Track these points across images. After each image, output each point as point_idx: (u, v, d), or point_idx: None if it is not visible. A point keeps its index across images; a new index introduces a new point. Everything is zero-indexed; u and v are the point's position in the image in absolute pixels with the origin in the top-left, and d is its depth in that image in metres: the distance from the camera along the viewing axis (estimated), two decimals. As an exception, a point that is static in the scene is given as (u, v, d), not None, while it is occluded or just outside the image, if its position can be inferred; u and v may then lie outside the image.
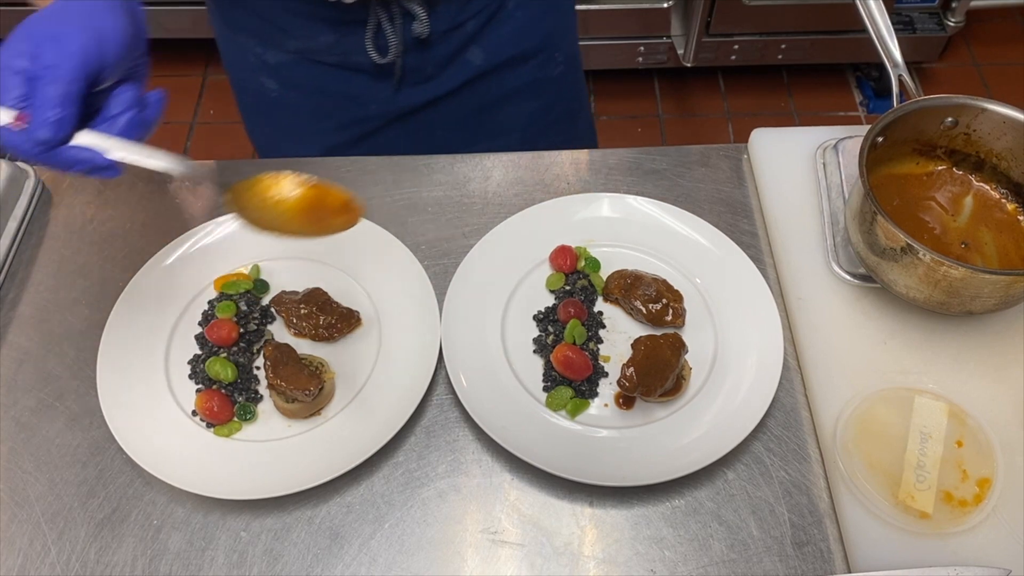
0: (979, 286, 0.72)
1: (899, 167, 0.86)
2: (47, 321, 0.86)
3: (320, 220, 0.67)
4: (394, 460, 0.77)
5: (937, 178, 0.86)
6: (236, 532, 0.74)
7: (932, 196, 0.86)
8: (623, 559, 0.72)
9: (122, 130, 0.63)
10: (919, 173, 0.87)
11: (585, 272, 0.88)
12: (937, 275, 0.73)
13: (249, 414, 0.79)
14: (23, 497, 0.75)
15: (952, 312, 0.77)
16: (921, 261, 0.73)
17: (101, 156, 0.62)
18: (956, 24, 2.32)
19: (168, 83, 2.56)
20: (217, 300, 0.86)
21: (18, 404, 0.81)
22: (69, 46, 0.61)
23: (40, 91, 0.59)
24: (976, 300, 0.74)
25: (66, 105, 0.60)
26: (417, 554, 0.72)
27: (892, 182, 0.86)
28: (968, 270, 0.71)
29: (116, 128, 0.63)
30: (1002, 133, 0.81)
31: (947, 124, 0.83)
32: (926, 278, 0.74)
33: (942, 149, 0.86)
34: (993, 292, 0.73)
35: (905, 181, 0.86)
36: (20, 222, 0.92)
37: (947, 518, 0.71)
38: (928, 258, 0.72)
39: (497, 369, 0.81)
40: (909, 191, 0.86)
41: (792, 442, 0.78)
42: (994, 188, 0.85)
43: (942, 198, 0.85)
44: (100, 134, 0.62)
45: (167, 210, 0.95)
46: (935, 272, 0.73)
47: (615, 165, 0.99)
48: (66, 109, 0.60)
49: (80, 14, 0.63)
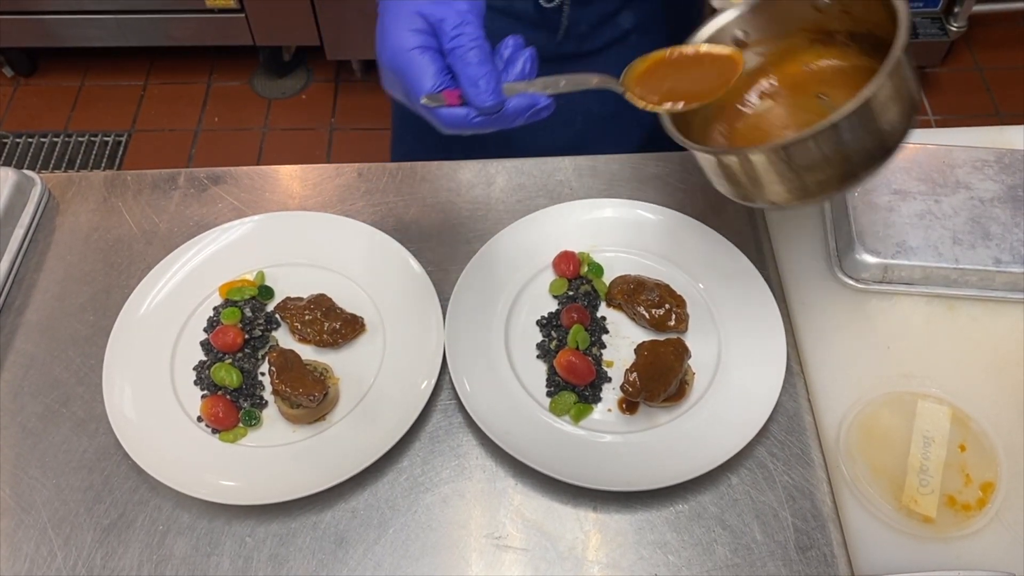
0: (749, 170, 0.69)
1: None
2: (53, 327, 0.87)
3: (710, 79, 0.68)
4: (398, 465, 0.78)
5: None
6: (241, 537, 0.74)
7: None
8: (627, 564, 0.72)
9: (529, 71, 0.62)
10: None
11: (588, 277, 0.89)
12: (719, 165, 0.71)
13: (254, 420, 0.79)
14: (29, 503, 0.76)
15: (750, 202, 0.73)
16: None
17: (540, 97, 0.61)
18: (959, 29, 2.32)
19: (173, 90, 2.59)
20: (222, 306, 0.87)
21: (24, 410, 0.81)
22: (458, 4, 0.60)
23: (461, 62, 0.58)
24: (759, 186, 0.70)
25: (491, 67, 0.59)
26: (421, 559, 0.73)
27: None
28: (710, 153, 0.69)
29: (524, 71, 0.62)
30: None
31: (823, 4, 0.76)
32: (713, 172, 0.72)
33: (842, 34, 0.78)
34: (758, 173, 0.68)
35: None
36: (27, 229, 0.93)
37: (950, 522, 0.71)
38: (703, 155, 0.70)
39: (501, 374, 0.81)
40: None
41: (795, 446, 0.78)
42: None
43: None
44: (517, 80, 0.61)
45: (172, 217, 0.96)
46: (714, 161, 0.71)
47: (617, 171, 1.00)
48: (493, 71, 0.59)
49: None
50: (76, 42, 2.43)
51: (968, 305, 0.85)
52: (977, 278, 0.84)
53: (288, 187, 0.99)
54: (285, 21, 2.36)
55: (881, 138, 0.66)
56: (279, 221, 0.93)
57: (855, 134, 0.65)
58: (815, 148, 0.65)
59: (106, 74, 2.62)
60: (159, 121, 2.50)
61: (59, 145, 2.44)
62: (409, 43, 0.59)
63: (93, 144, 2.44)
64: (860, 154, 0.67)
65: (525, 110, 0.61)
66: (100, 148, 2.44)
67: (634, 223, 0.92)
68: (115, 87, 2.59)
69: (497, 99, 0.59)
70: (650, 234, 0.91)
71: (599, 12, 0.99)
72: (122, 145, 2.44)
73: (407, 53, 0.59)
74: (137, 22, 2.36)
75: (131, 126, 2.49)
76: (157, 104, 2.55)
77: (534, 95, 0.61)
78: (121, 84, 2.60)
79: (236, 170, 1.01)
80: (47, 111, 2.53)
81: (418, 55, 0.59)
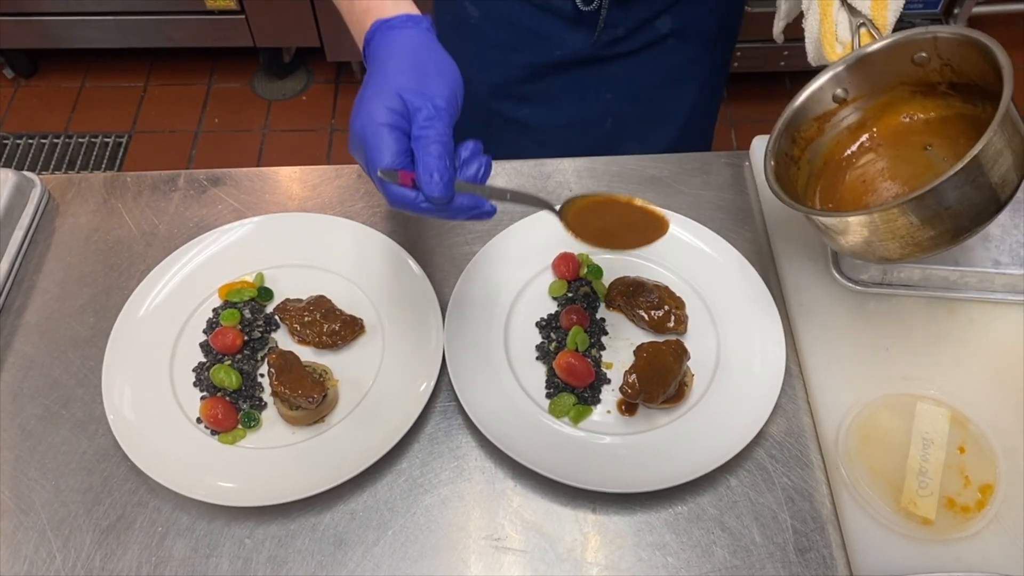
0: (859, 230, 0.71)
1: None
2: (53, 329, 0.87)
3: (637, 233, 0.73)
4: (398, 467, 0.78)
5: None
6: (240, 539, 0.74)
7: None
8: (626, 565, 0.72)
9: (482, 176, 0.65)
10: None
11: (587, 279, 0.89)
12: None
13: (253, 421, 0.79)
14: (29, 504, 0.76)
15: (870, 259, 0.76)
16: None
17: (485, 202, 0.65)
18: (958, 30, 2.32)
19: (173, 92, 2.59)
20: (222, 308, 0.87)
21: (24, 412, 0.81)
22: (437, 100, 0.63)
23: (423, 152, 0.61)
24: (877, 245, 0.72)
25: (449, 163, 0.62)
26: (420, 561, 0.73)
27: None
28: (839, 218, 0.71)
29: (477, 175, 0.65)
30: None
31: (920, 59, 0.78)
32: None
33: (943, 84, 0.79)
34: (879, 234, 0.71)
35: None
36: (26, 231, 0.93)
37: (949, 524, 0.71)
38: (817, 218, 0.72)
39: (500, 376, 0.81)
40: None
41: (794, 448, 0.78)
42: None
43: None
44: (468, 182, 0.64)
45: (172, 219, 0.96)
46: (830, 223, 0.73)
47: (617, 172, 1.00)
48: (450, 168, 0.62)
49: (430, 62, 0.66)
50: (76, 43, 2.43)
51: (967, 307, 0.85)
52: (976, 280, 0.84)
53: (288, 188, 0.99)
54: (285, 22, 2.36)
55: (992, 191, 0.68)
56: (279, 223, 0.93)
57: (968, 189, 0.67)
58: (933, 204, 0.67)
59: (106, 75, 2.62)
60: (159, 122, 2.50)
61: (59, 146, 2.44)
62: (382, 118, 0.63)
63: (93, 145, 2.45)
64: (973, 208, 0.69)
65: (469, 209, 0.64)
66: (100, 149, 2.44)
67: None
68: (115, 88, 2.59)
69: (446, 193, 0.61)
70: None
71: (638, 16, 1.00)
72: (122, 146, 2.44)
73: (377, 126, 0.63)
74: (137, 23, 2.36)
75: (131, 127, 2.49)
76: (157, 105, 2.55)
77: (480, 199, 0.64)
78: (121, 85, 2.60)
79: (236, 171, 1.01)
80: (47, 112, 2.53)
81: (387, 132, 0.62)
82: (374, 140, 0.62)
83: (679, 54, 1.07)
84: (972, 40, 0.72)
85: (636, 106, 1.11)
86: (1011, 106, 0.66)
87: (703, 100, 1.15)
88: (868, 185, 0.82)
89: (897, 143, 0.83)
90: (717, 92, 1.19)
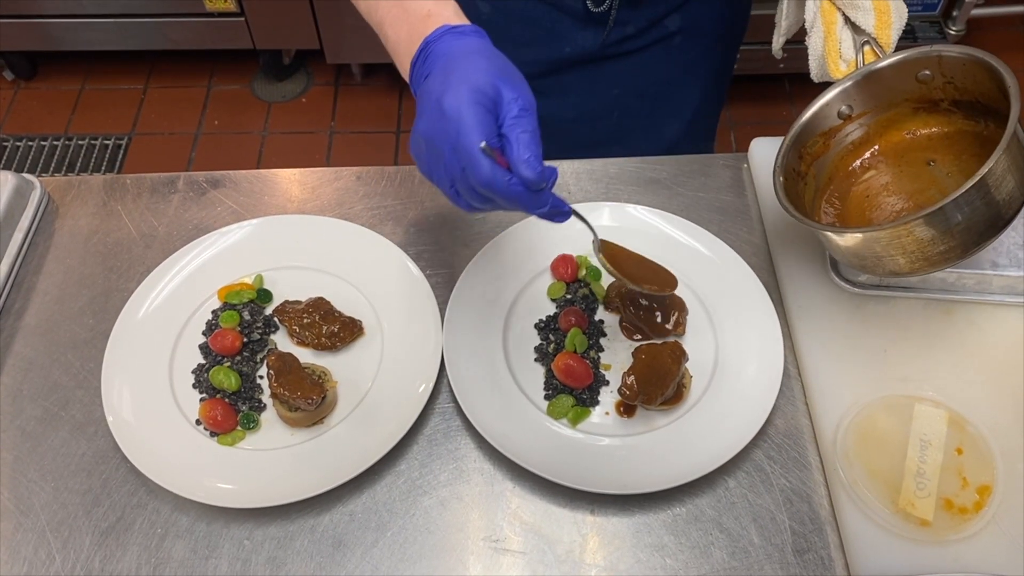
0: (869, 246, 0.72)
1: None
2: (52, 331, 0.87)
3: (659, 280, 0.80)
4: (396, 468, 0.78)
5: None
6: (240, 540, 0.74)
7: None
8: (624, 567, 0.72)
9: (551, 181, 0.65)
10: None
11: (586, 281, 0.89)
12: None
13: (252, 423, 0.80)
14: (28, 506, 0.76)
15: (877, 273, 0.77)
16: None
17: (566, 204, 0.67)
18: (957, 32, 2.32)
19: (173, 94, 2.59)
20: (221, 310, 0.87)
21: (23, 413, 0.81)
22: (528, 95, 0.65)
23: (519, 135, 0.62)
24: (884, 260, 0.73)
25: (541, 151, 0.63)
26: (419, 562, 0.73)
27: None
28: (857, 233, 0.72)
29: (548, 177, 0.65)
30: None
31: (923, 77, 0.79)
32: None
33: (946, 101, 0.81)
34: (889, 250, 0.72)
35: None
36: (26, 233, 0.93)
37: (947, 525, 0.71)
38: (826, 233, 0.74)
39: (499, 378, 0.81)
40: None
41: (792, 450, 0.78)
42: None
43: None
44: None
45: (171, 221, 0.96)
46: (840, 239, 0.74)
47: (616, 174, 1.00)
48: (541, 156, 0.63)
49: (509, 66, 0.68)
50: (76, 46, 2.43)
51: (965, 309, 0.85)
52: (974, 282, 0.84)
53: (287, 190, 0.99)
54: (285, 25, 2.36)
55: (998, 208, 0.69)
56: (278, 224, 0.93)
57: (978, 204, 0.68)
58: (944, 220, 0.69)
59: (106, 78, 2.62)
60: (159, 125, 2.51)
61: (59, 149, 2.44)
62: (477, 97, 0.63)
63: (93, 148, 2.45)
64: (982, 223, 0.69)
65: (554, 204, 0.66)
66: (100, 152, 2.44)
67: (632, 227, 0.92)
68: (115, 91, 2.59)
69: (541, 178, 0.62)
70: (648, 238, 0.91)
71: (648, 16, 1.01)
72: (122, 149, 2.44)
73: (474, 103, 0.63)
74: (137, 26, 2.36)
75: (131, 130, 2.49)
76: (157, 108, 2.55)
77: (563, 199, 0.66)
78: (121, 88, 2.60)
79: (235, 174, 1.01)
80: (47, 115, 2.53)
81: (483, 110, 0.63)
82: (470, 116, 0.62)
83: (687, 51, 1.08)
84: (977, 59, 0.73)
85: (643, 101, 1.11)
86: (1018, 128, 0.67)
87: (709, 96, 1.15)
88: (872, 200, 0.83)
89: (900, 158, 0.84)
90: (723, 88, 1.20)
